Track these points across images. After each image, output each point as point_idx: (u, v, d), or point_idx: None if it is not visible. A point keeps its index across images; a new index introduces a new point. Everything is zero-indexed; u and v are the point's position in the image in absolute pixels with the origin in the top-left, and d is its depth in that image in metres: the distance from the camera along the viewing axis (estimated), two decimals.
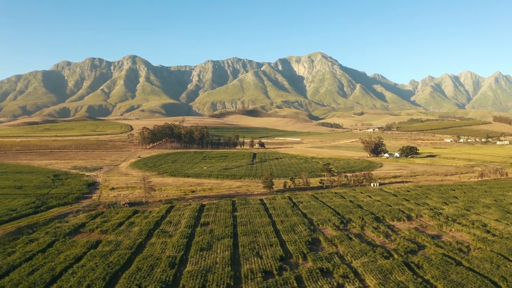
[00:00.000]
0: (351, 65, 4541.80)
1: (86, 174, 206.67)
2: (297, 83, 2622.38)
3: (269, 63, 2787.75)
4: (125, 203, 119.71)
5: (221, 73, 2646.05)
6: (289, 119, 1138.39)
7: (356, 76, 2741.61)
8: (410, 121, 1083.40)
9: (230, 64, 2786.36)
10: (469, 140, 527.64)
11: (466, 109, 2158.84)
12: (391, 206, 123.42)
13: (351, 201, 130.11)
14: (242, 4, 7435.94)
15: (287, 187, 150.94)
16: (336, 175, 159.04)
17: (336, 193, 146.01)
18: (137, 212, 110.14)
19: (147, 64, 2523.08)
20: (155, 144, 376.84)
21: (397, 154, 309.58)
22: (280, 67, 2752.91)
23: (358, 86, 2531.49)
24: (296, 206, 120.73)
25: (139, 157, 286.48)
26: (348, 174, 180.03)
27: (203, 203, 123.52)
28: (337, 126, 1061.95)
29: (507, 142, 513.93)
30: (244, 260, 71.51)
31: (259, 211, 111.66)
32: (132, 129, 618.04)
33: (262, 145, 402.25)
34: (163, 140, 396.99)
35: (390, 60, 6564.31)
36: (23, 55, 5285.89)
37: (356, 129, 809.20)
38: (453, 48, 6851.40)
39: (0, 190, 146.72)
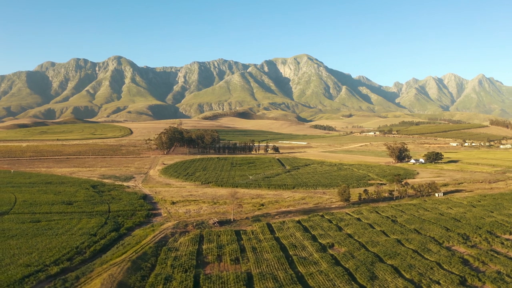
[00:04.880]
0: (337, 67, 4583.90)
1: (125, 184, 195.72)
2: (283, 84, 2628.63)
3: (255, 65, 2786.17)
4: (215, 222, 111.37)
5: (207, 75, 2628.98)
6: (282, 121, 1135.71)
7: (342, 78, 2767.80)
8: (402, 124, 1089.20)
9: (216, 65, 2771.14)
10: (473, 144, 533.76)
11: (450, 111, 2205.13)
12: (484, 219, 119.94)
13: (440, 214, 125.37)
14: (228, 6, 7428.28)
15: (362, 198, 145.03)
16: (404, 186, 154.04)
17: (414, 204, 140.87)
18: (238, 233, 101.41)
19: (132, 65, 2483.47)
20: (169, 149, 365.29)
21: (422, 160, 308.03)
22: (266, 69, 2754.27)
23: (344, 88, 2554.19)
24: (394, 221, 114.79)
25: (164, 163, 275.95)
26: (414, 184, 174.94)
27: (295, 219, 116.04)
28: (330, 128, 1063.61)
29: (509, 145, 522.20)
30: None
31: (366, 228, 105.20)
32: (131, 132, 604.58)
33: (276, 150, 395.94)
34: (174, 145, 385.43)
35: (375, 62, 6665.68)
36: (6, 55, 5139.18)
37: (356, 133, 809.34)
38: (437, 51, 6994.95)
39: (50, 207, 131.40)
